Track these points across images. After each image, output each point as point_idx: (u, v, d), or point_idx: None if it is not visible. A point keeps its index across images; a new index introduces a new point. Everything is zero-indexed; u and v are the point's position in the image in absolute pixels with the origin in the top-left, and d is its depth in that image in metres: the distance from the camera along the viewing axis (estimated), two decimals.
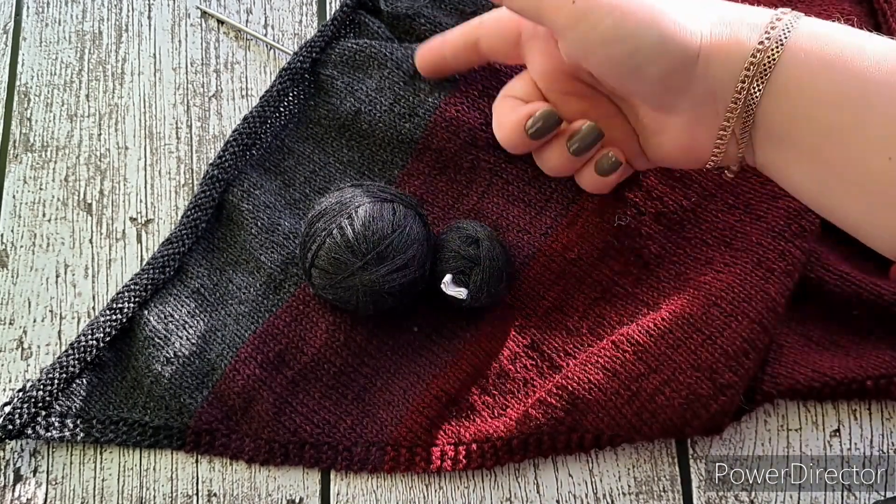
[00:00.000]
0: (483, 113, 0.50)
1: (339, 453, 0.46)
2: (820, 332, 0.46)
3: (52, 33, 0.59)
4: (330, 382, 0.47)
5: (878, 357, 0.44)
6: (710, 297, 0.43)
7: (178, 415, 0.47)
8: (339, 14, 0.55)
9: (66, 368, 0.47)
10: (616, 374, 0.43)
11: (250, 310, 0.49)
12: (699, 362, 0.42)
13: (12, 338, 0.51)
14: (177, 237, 0.51)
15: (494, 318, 0.48)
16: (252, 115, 0.53)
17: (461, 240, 0.46)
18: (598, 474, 0.45)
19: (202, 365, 0.48)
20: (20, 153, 0.56)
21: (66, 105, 0.57)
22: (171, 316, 0.49)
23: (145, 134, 0.56)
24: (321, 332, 0.48)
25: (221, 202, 0.52)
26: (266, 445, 0.47)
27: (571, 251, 0.48)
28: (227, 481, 0.47)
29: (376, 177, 0.52)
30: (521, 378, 0.46)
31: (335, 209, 0.45)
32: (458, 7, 0.56)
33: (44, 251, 0.53)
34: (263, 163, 0.54)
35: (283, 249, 0.50)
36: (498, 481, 0.46)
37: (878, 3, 0.50)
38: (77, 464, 0.48)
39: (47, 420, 0.47)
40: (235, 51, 0.58)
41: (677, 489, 0.45)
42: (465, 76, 0.51)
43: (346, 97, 0.53)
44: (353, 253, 0.43)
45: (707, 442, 0.45)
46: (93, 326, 0.48)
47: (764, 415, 0.46)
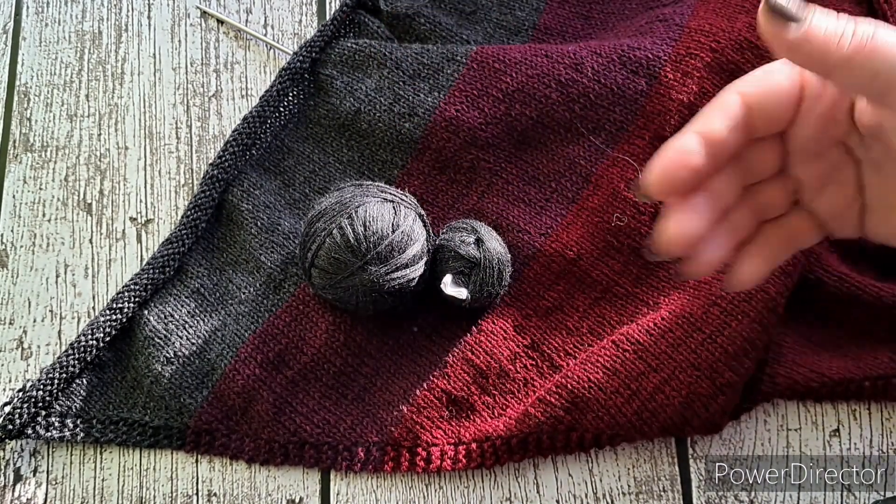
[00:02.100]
0: (483, 112, 0.50)
1: (339, 453, 0.46)
2: (819, 332, 0.46)
3: (51, 33, 0.59)
4: (330, 382, 0.48)
5: (877, 358, 0.44)
6: (710, 297, 0.43)
7: (178, 415, 0.47)
8: (339, 14, 0.55)
9: (66, 368, 0.47)
10: (616, 373, 0.43)
11: (250, 310, 0.49)
12: (699, 361, 0.42)
13: (12, 338, 0.51)
14: (177, 237, 0.51)
15: (494, 318, 0.48)
16: (252, 115, 0.53)
17: (461, 240, 0.46)
18: (597, 474, 0.45)
19: (202, 365, 0.48)
20: (20, 153, 0.56)
21: (66, 105, 0.57)
22: (171, 316, 0.49)
23: (145, 134, 0.56)
24: (321, 332, 0.48)
25: (221, 202, 0.52)
26: (266, 445, 0.47)
27: (571, 251, 0.48)
28: (227, 481, 0.47)
29: (376, 177, 0.52)
30: (521, 378, 0.46)
31: (335, 209, 0.45)
32: (458, 7, 0.56)
33: (44, 251, 0.53)
34: (263, 163, 0.54)
35: (283, 249, 0.50)
36: (498, 481, 0.46)
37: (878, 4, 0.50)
38: (77, 464, 0.48)
39: (47, 420, 0.47)
40: (235, 51, 0.58)
41: (677, 489, 0.45)
42: (464, 75, 0.51)
43: (345, 97, 0.53)
44: (353, 253, 0.43)
45: (707, 442, 0.45)
46: (93, 326, 0.48)
47: (764, 415, 0.46)
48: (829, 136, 0.32)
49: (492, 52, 0.52)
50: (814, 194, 0.33)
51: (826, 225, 0.34)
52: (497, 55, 0.51)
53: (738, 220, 0.33)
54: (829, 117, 0.31)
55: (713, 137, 0.30)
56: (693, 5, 0.53)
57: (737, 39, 0.49)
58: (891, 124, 0.28)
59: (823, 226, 0.34)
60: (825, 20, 0.26)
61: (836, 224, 0.34)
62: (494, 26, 0.57)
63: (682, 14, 0.52)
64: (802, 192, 0.34)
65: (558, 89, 0.50)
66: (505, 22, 0.57)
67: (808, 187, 0.33)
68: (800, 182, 0.33)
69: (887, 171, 0.32)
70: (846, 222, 0.34)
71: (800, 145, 0.32)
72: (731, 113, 0.30)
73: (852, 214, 0.34)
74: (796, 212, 0.34)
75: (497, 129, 0.50)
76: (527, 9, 0.57)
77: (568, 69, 0.50)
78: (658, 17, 0.53)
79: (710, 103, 0.30)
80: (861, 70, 0.26)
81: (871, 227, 0.34)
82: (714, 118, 0.30)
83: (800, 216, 0.34)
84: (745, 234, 0.33)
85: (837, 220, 0.34)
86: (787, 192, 0.34)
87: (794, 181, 0.33)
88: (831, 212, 0.34)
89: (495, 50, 0.52)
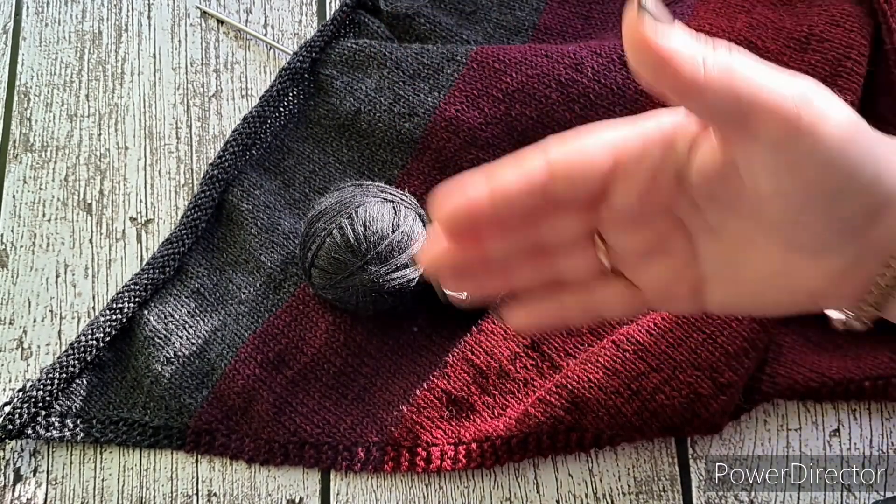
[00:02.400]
0: (483, 112, 0.50)
1: (339, 453, 0.46)
2: (818, 332, 0.46)
3: (51, 33, 0.59)
4: (330, 382, 0.48)
5: (877, 358, 0.44)
6: None
7: (178, 415, 0.47)
8: (339, 14, 0.55)
9: (66, 368, 0.47)
10: (616, 373, 0.43)
11: (250, 310, 0.49)
12: (699, 361, 0.42)
13: (12, 338, 0.51)
14: (177, 237, 0.51)
15: (494, 318, 0.48)
16: (252, 114, 0.53)
17: None
18: (597, 474, 0.45)
19: (202, 365, 0.48)
20: (20, 153, 0.56)
21: (66, 105, 0.57)
22: (171, 316, 0.49)
23: (145, 134, 0.56)
24: (321, 332, 0.48)
25: (221, 202, 0.52)
26: (266, 445, 0.47)
27: None
28: (227, 481, 0.47)
29: (376, 177, 0.52)
30: (521, 378, 0.46)
31: (335, 209, 0.45)
32: (458, 7, 0.56)
33: (44, 251, 0.53)
34: (263, 163, 0.54)
35: (283, 249, 0.50)
36: (498, 481, 0.46)
37: (877, 4, 0.50)
38: (77, 464, 0.48)
39: (47, 420, 0.47)
40: (235, 51, 0.58)
41: (677, 489, 0.45)
42: (464, 75, 0.51)
43: (345, 97, 0.53)
44: (353, 253, 0.43)
45: (707, 442, 0.45)
46: (93, 326, 0.48)
47: (764, 415, 0.46)
48: (651, 205, 0.29)
49: (492, 52, 0.52)
50: (634, 266, 0.31)
51: (651, 300, 0.31)
52: (497, 55, 0.51)
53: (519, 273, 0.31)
54: (650, 186, 0.28)
55: (505, 197, 0.27)
56: (693, 5, 0.53)
57: (737, 39, 0.49)
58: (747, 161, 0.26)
59: (647, 301, 0.31)
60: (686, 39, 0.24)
61: (663, 300, 0.32)
62: (494, 26, 0.57)
63: (682, 14, 0.52)
64: (620, 262, 0.31)
65: (558, 89, 0.50)
66: (505, 22, 0.57)
67: (626, 258, 0.31)
68: (616, 253, 0.31)
69: (726, 233, 0.29)
70: (677, 297, 0.31)
71: (615, 215, 0.29)
72: (532, 177, 0.27)
73: (683, 289, 0.31)
74: (608, 280, 0.31)
75: (497, 129, 0.50)
76: (527, 9, 0.57)
77: (568, 69, 0.50)
78: None
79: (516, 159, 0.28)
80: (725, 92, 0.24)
81: (714, 299, 0.31)
82: (513, 177, 0.27)
83: (612, 285, 0.31)
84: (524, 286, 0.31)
85: (666, 296, 0.31)
86: (594, 259, 0.31)
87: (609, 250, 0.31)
88: (657, 286, 0.31)
89: (495, 50, 0.52)
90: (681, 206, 0.29)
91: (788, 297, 0.30)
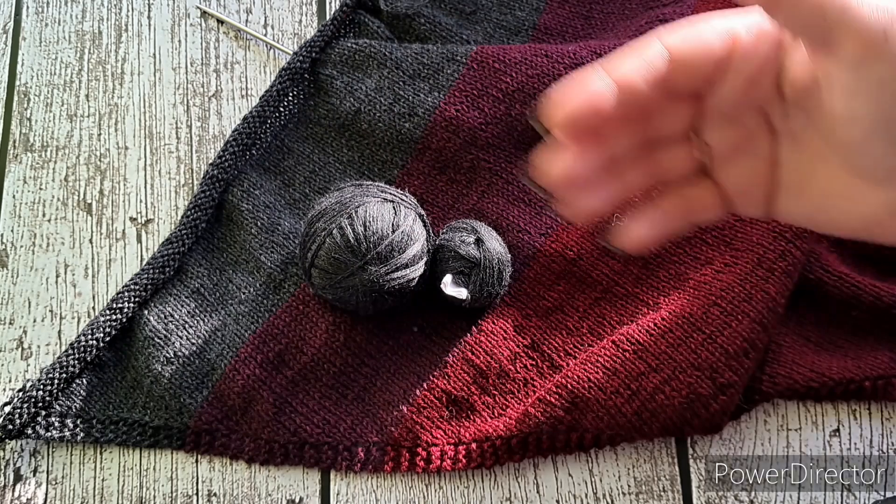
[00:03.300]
0: (483, 112, 0.50)
1: (339, 453, 0.46)
2: (818, 332, 0.46)
3: (51, 33, 0.59)
4: (330, 382, 0.48)
5: (877, 358, 0.44)
6: (710, 297, 0.43)
7: (178, 415, 0.47)
8: (339, 14, 0.55)
9: (66, 368, 0.47)
10: (616, 373, 0.43)
11: (250, 310, 0.49)
12: (699, 361, 0.42)
13: (12, 338, 0.51)
14: (177, 237, 0.51)
15: (494, 318, 0.48)
16: (252, 115, 0.53)
17: (461, 240, 0.46)
18: (597, 474, 0.45)
19: (202, 365, 0.48)
20: (20, 153, 0.56)
21: (66, 105, 0.57)
22: (171, 316, 0.49)
23: (145, 134, 0.56)
24: (321, 332, 0.48)
25: (221, 202, 0.52)
26: (266, 445, 0.47)
27: (571, 251, 0.48)
28: (227, 481, 0.47)
29: (376, 177, 0.52)
30: (521, 378, 0.46)
31: (335, 209, 0.45)
32: (458, 7, 0.56)
33: (44, 251, 0.53)
34: (263, 163, 0.54)
35: (283, 249, 0.50)
36: (498, 481, 0.46)
37: None
38: (77, 464, 0.48)
39: (47, 420, 0.47)
40: (235, 51, 0.58)
41: (677, 489, 0.45)
42: (464, 75, 0.51)
43: (345, 97, 0.53)
44: (353, 253, 0.43)
45: (707, 442, 0.45)
46: (93, 326, 0.48)
47: (764, 415, 0.46)
48: (751, 100, 0.30)
49: (492, 52, 0.52)
50: (723, 163, 0.32)
51: (731, 200, 0.32)
52: (497, 55, 0.51)
53: (630, 176, 0.31)
54: (754, 80, 0.29)
55: (629, 87, 0.27)
56: (693, 5, 0.53)
57: None
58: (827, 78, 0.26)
59: (728, 201, 0.32)
60: None
61: (742, 200, 0.32)
62: (494, 26, 0.57)
63: (682, 14, 0.52)
64: (711, 160, 0.32)
65: None
66: (505, 22, 0.57)
67: (718, 155, 0.31)
68: (710, 149, 0.31)
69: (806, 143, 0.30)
70: (753, 199, 0.32)
71: (717, 108, 0.30)
72: (654, 65, 0.27)
73: (760, 192, 0.32)
74: (699, 181, 0.32)
75: (497, 129, 0.50)
76: (527, 9, 0.57)
77: (568, 69, 0.50)
78: (658, 17, 0.53)
79: (633, 49, 0.28)
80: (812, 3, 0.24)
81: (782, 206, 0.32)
82: (634, 67, 0.27)
83: (702, 187, 0.32)
84: (634, 191, 0.31)
85: (744, 196, 0.32)
86: (692, 156, 0.32)
87: (703, 147, 0.31)
88: (739, 186, 0.32)
89: (495, 50, 0.52)
90: (774, 108, 0.30)
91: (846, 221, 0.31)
